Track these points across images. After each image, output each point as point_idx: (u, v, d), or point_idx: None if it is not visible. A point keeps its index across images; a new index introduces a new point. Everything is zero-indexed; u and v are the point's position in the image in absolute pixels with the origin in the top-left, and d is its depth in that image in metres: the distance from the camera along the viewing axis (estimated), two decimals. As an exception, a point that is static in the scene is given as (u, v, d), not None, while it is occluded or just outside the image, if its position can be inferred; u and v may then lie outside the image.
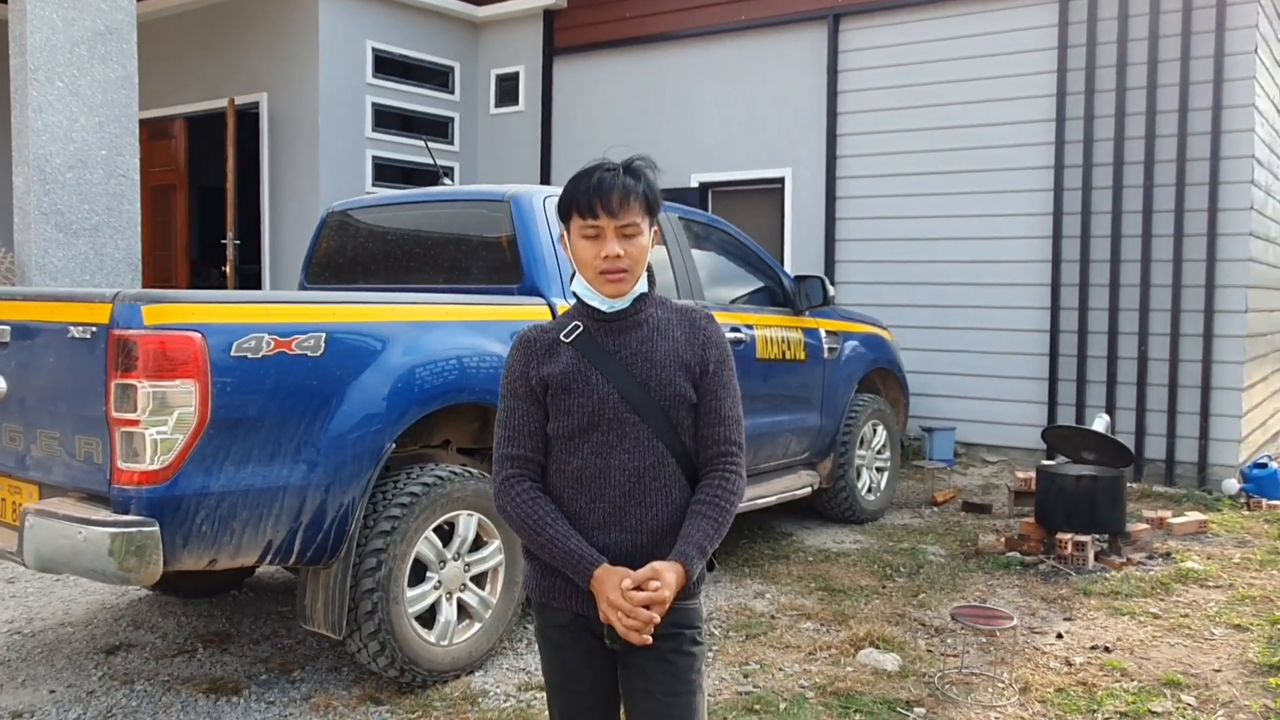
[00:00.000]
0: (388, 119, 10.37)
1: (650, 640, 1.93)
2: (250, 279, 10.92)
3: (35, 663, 4.03)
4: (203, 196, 12.80)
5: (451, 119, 11.02)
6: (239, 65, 10.36)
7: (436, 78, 10.89)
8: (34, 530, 3.12)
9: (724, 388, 2.11)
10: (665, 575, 1.95)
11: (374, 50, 10.18)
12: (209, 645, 4.22)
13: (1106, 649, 4.28)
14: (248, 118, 10.37)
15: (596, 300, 2.08)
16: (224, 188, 10.38)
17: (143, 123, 10.81)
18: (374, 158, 10.22)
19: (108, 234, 7.73)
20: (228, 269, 10.33)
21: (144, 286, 9.66)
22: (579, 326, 2.10)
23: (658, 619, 1.92)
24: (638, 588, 1.93)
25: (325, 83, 9.76)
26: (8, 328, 3.42)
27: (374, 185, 10.16)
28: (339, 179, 9.82)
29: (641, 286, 2.10)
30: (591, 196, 2.02)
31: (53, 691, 3.75)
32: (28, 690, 3.76)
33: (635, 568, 1.98)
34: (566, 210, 2.07)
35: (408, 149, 10.42)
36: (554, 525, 2.01)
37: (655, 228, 2.11)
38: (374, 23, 10.16)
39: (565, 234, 2.11)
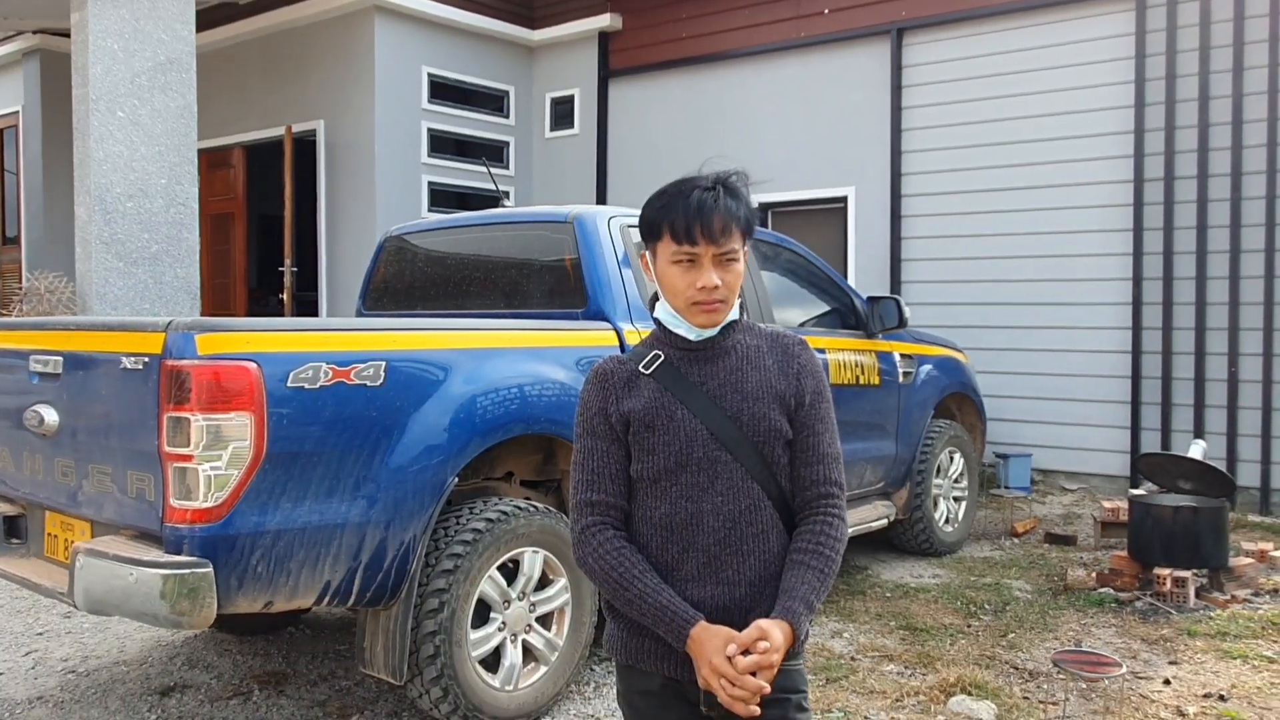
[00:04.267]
0: (443, 144, 10.31)
1: (758, 711, 1.70)
2: (308, 306, 10.91)
3: (89, 704, 3.89)
4: (261, 224, 12.88)
5: (507, 143, 10.94)
6: (296, 93, 10.39)
7: (491, 102, 10.82)
8: (85, 571, 2.98)
9: (821, 421, 1.89)
10: (773, 636, 1.72)
11: (429, 76, 10.14)
12: (265, 686, 4.05)
13: (1221, 697, 3.94)
14: (305, 145, 10.38)
15: (684, 329, 1.87)
16: (282, 215, 10.39)
17: (201, 152, 10.88)
18: (430, 183, 10.16)
19: (167, 262, 7.70)
20: (285, 296, 10.31)
21: (203, 314, 9.68)
22: (660, 356, 1.89)
23: (767, 688, 1.69)
24: (744, 651, 1.70)
25: (381, 109, 9.73)
26: (60, 358, 3.30)
27: (429, 210, 10.09)
28: (395, 205, 9.77)
29: (734, 314, 1.89)
30: (690, 220, 1.79)
31: (105, 737, 3.60)
32: (80, 735, 3.62)
33: (734, 624, 1.77)
34: (655, 231, 1.85)
35: (463, 174, 10.35)
36: (642, 579, 1.79)
37: (747, 249, 1.90)
38: (429, 49, 10.13)
39: (648, 256, 1.90)
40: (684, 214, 1.80)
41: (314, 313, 10.70)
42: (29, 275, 9.41)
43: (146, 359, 2.95)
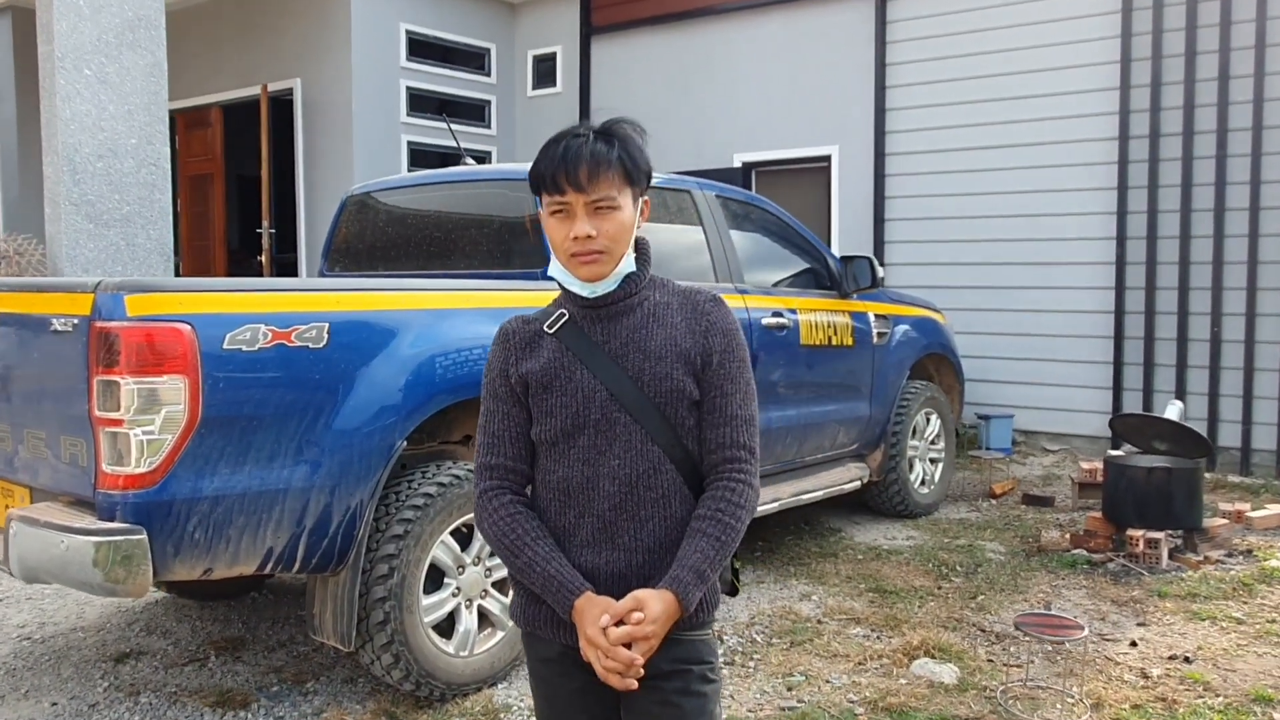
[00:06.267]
0: (423, 103, 10.14)
1: (634, 685, 1.64)
2: (287, 268, 10.80)
3: (41, 671, 3.85)
4: (240, 185, 12.72)
5: (488, 102, 10.77)
6: (272, 51, 10.20)
7: (472, 60, 10.64)
8: (18, 538, 2.91)
9: (730, 382, 1.79)
10: (650, 607, 1.66)
11: (408, 33, 9.95)
12: (221, 653, 4.01)
13: (1186, 659, 3.91)
14: (282, 104, 10.21)
15: (576, 285, 1.79)
16: (260, 176, 10.24)
17: (179, 112, 10.76)
18: (409, 143, 10.01)
19: (139, 224, 7.58)
20: (263, 258, 10.19)
21: (183, 276, 9.55)
22: (564, 315, 1.81)
23: (639, 660, 1.64)
24: (619, 622, 1.65)
25: (358, 67, 9.55)
26: (-6, 321, 3.22)
27: (410, 170, 9.95)
28: (374, 164, 9.62)
29: (627, 266, 1.78)
30: (555, 168, 1.72)
31: (54, 704, 3.55)
32: (29, 702, 3.58)
33: (631, 591, 1.71)
34: (534, 183, 1.78)
35: (444, 133, 10.18)
36: (534, 546, 1.74)
37: (644, 199, 1.81)
38: (407, 5, 9.93)
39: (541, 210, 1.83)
40: (550, 162, 1.73)
41: (293, 274, 10.59)
42: (3, 238, 9.30)
43: (76, 321, 2.87)
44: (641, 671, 1.65)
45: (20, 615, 4.46)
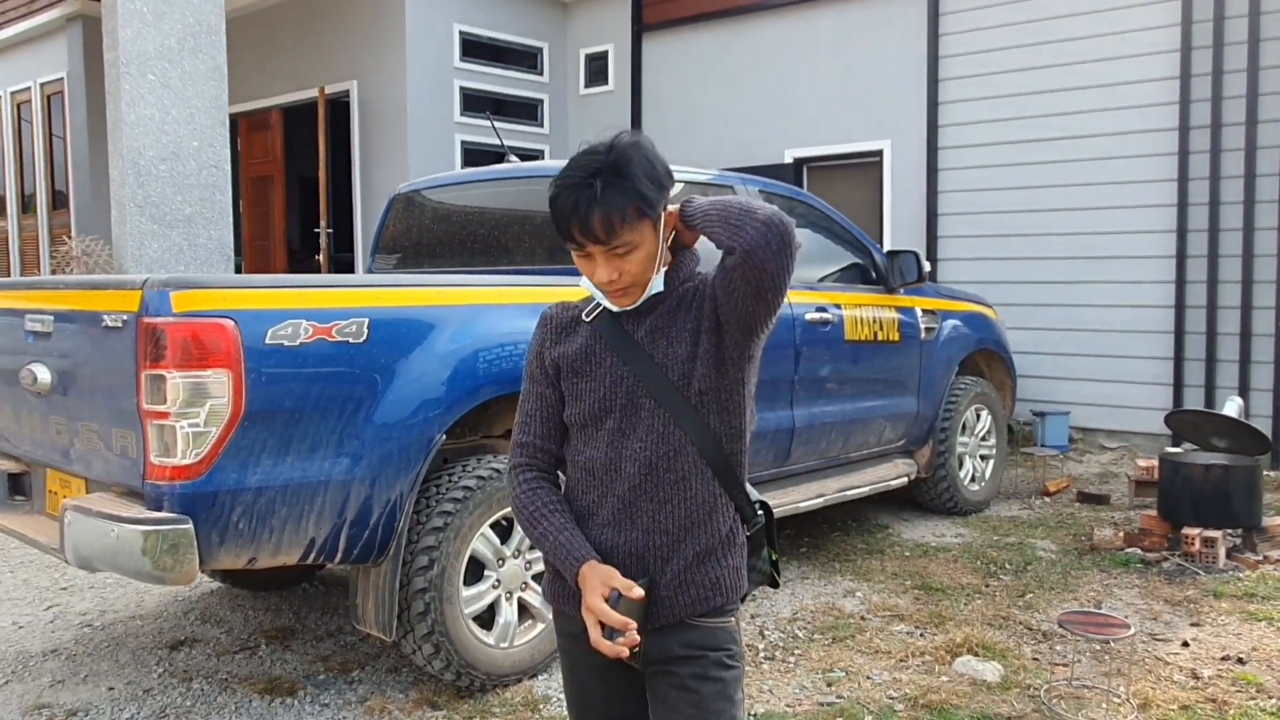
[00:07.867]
0: (476, 103, 10.25)
1: (625, 653, 1.68)
2: (345, 267, 10.98)
3: (100, 657, 3.98)
4: (301, 186, 12.98)
5: (541, 101, 10.85)
6: (329, 54, 10.39)
7: (525, 59, 10.73)
8: (72, 527, 3.02)
9: None
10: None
11: (461, 34, 10.07)
12: (272, 641, 4.11)
13: (1240, 660, 3.81)
14: (339, 106, 10.40)
15: (609, 303, 1.82)
16: (318, 177, 10.43)
17: (241, 115, 11.00)
18: (463, 142, 10.12)
19: (201, 224, 7.77)
20: (321, 258, 10.39)
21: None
22: (601, 305, 1.86)
23: (633, 625, 1.67)
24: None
25: (413, 68, 9.69)
26: (51, 317, 3.33)
27: (463, 170, 10.05)
28: (428, 164, 9.74)
29: (655, 286, 1.78)
30: (569, 223, 1.70)
31: (111, 689, 3.67)
32: (88, 687, 3.70)
33: (648, 570, 1.76)
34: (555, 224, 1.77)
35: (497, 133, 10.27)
36: (550, 517, 1.80)
37: (665, 211, 1.75)
38: (460, 6, 10.05)
39: None
40: (562, 215, 1.71)
41: (350, 272, 10.76)
42: (72, 240, 9.61)
43: (125, 317, 2.96)
44: (635, 638, 1.67)
45: (83, 603, 4.61)
